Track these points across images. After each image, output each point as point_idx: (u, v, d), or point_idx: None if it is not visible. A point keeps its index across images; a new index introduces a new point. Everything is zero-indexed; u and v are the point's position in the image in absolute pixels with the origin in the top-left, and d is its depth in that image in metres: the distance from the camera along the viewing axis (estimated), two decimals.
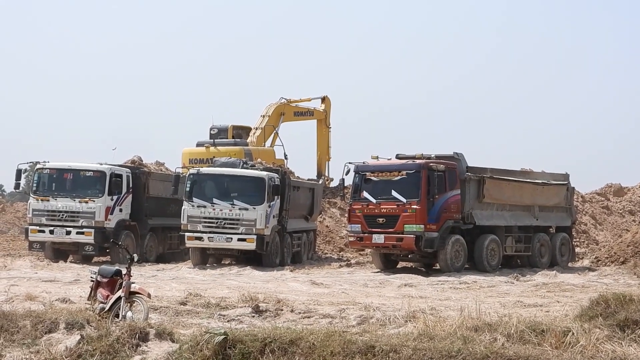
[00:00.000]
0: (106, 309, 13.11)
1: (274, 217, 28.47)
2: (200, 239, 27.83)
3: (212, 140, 37.64)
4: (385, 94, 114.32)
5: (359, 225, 26.93)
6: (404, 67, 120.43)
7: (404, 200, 26.19)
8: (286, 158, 39.20)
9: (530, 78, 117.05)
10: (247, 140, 39.43)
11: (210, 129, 39.76)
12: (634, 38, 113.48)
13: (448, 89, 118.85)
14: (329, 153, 44.68)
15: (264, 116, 41.32)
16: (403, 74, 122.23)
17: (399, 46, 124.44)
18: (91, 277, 14.18)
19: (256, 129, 40.63)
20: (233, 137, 39.42)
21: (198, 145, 37.92)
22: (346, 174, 27.76)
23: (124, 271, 13.45)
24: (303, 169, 44.21)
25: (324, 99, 44.80)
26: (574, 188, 31.91)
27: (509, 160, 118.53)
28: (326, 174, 44.28)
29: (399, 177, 26.51)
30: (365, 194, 26.96)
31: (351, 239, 27.87)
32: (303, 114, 44.33)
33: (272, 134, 41.02)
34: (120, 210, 29.26)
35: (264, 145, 40.19)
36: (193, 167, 32.22)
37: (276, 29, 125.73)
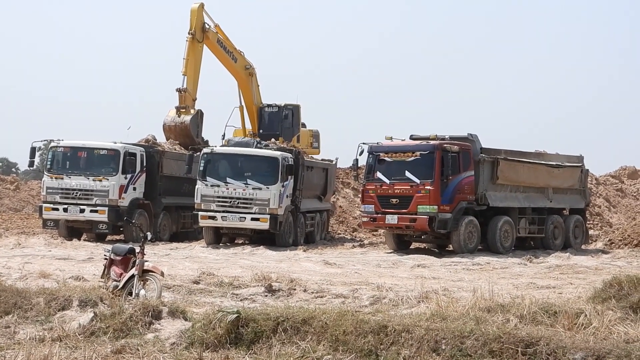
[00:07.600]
0: (119, 287, 13.17)
1: (287, 196, 28.48)
2: (213, 218, 27.88)
3: None
4: (398, 73, 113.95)
5: (373, 205, 26.90)
6: (417, 45, 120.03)
7: (418, 181, 26.13)
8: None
9: (545, 61, 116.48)
10: None
11: None
12: None
13: (462, 69, 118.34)
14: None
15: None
16: (416, 52, 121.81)
17: (413, 23, 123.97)
18: (105, 255, 14.24)
19: None
20: None
21: None
22: (360, 154, 27.71)
23: (137, 249, 13.50)
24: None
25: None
26: (588, 170, 31.80)
27: (523, 142, 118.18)
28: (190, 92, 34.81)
29: (412, 158, 26.43)
30: (379, 175, 26.90)
31: (364, 219, 27.86)
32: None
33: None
34: (134, 188, 29.32)
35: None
36: None
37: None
